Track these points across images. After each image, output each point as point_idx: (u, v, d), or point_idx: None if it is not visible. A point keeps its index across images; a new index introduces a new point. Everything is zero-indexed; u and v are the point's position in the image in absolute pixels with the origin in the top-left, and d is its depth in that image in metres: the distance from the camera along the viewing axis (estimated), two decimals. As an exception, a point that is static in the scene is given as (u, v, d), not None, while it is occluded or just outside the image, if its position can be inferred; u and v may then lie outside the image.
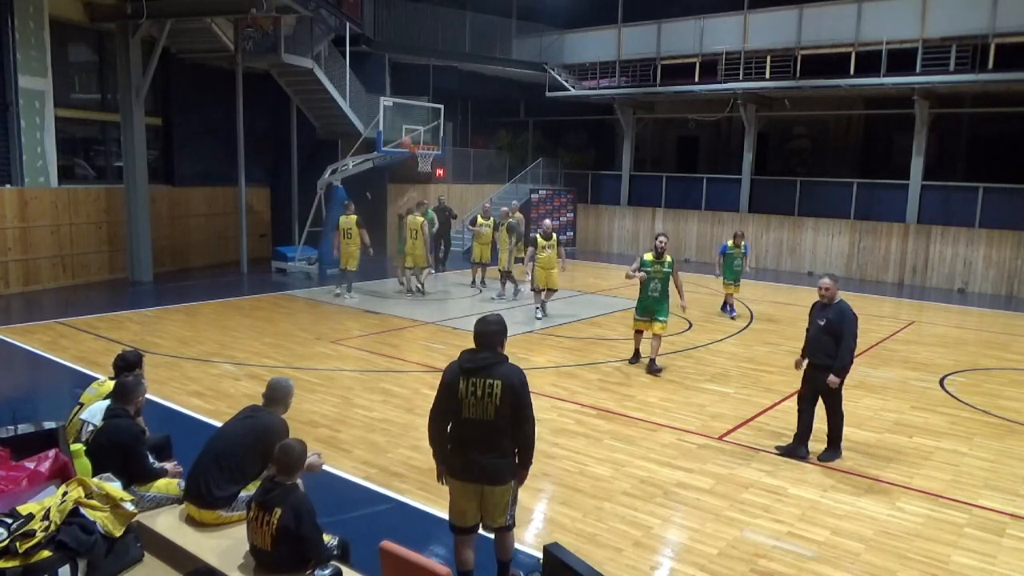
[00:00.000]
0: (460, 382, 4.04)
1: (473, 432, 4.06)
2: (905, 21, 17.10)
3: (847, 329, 6.29)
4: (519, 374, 4.09)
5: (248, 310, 12.56)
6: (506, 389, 3.99)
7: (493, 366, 4.05)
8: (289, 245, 17.51)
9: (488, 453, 4.06)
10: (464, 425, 4.08)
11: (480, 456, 4.06)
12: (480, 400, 4.00)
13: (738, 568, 4.76)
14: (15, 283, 13.32)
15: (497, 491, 4.14)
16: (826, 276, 6.62)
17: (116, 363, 5.13)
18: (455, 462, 4.16)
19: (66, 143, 14.68)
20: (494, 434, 4.05)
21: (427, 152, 16.52)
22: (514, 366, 4.11)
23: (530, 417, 4.11)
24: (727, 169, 22.77)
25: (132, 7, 13.62)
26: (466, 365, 4.06)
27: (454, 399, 4.05)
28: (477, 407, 4.01)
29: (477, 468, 4.08)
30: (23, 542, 3.34)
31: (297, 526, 3.61)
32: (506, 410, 4.01)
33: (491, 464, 4.07)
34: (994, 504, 5.78)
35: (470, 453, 4.08)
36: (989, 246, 16.92)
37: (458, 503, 4.22)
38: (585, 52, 22.73)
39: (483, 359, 4.06)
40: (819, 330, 6.44)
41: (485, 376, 4.01)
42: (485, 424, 4.02)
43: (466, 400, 4.02)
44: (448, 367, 4.17)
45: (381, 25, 20.37)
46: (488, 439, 4.05)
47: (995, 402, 8.50)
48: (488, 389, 3.99)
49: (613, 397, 8.26)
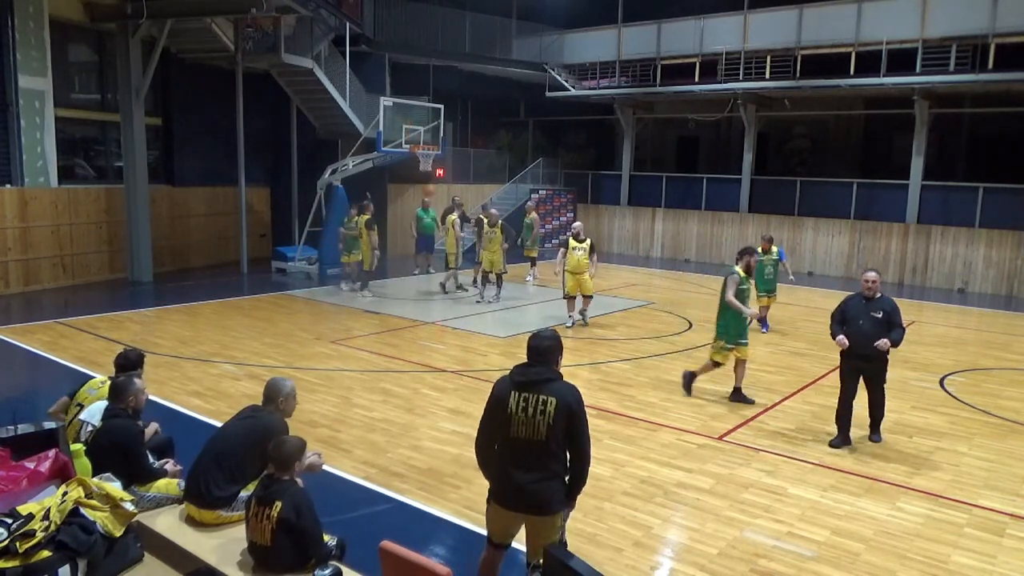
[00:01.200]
0: (511, 397, 3.74)
1: (520, 452, 3.75)
2: (905, 21, 17.10)
3: (899, 318, 6.73)
4: (575, 392, 3.78)
5: (248, 310, 12.56)
6: (560, 408, 3.68)
7: (547, 382, 3.75)
8: (289, 245, 17.50)
9: (535, 474, 3.73)
10: (511, 444, 3.76)
11: (526, 478, 3.73)
12: (531, 418, 3.69)
13: (738, 568, 4.76)
14: (15, 283, 13.32)
15: (543, 523, 3.79)
16: (872, 270, 6.88)
17: (117, 361, 5.13)
18: (498, 487, 3.87)
19: (66, 143, 14.67)
20: (543, 455, 3.73)
21: (427, 152, 16.52)
22: (570, 384, 3.81)
23: (586, 437, 3.78)
24: (727, 169, 22.77)
25: (132, 7, 13.62)
26: (518, 379, 3.77)
27: (503, 415, 3.75)
28: (527, 425, 3.70)
29: (521, 494, 3.76)
30: (23, 542, 3.34)
31: (297, 518, 3.61)
32: (559, 430, 3.69)
33: (537, 488, 3.73)
34: (994, 504, 5.78)
35: (515, 474, 3.76)
36: (989, 246, 16.92)
37: (495, 523, 3.95)
38: (585, 52, 22.74)
39: (536, 373, 3.76)
40: (875, 323, 6.65)
41: (537, 392, 3.71)
42: (534, 444, 3.71)
43: (516, 417, 3.71)
44: (498, 381, 3.89)
45: (381, 25, 20.36)
46: (536, 460, 3.73)
47: (995, 402, 8.50)
48: (541, 406, 3.68)
49: (613, 397, 8.26)
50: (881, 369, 6.81)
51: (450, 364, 9.45)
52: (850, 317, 6.78)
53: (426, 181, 20.38)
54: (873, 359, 6.69)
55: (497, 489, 3.88)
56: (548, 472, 3.75)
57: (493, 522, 3.96)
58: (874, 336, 6.56)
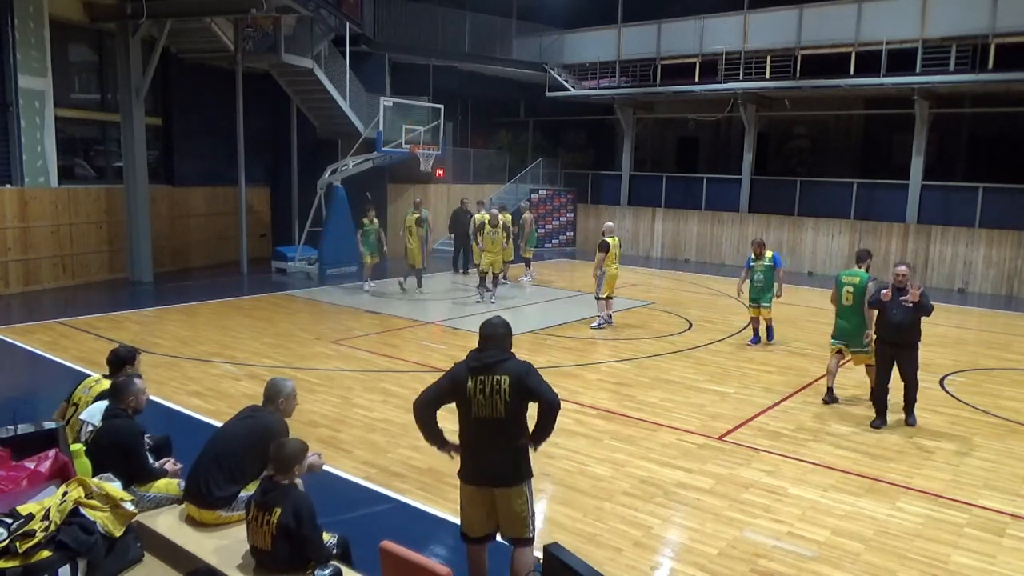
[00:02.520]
0: (468, 380, 3.99)
1: (484, 431, 4.01)
2: (905, 21, 17.10)
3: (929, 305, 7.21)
4: (525, 364, 4.05)
5: (248, 310, 12.56)
6: (514, 382, 3.95)
7: (500, 363, 4.01)
8: (289, 245, 17.51)
9: (499, 451, 4.01)
10: (474, 425, 4.02)
11: (491, 455, 4.01)
12: (489, 397, 3.95)
13: (738, 568, 4.76)
14: (15, 283, 13.32)
15: (511, 494, 4.04)
16: (902, 264, 7.44)
17: (109, 359, 5.12)
18: (466, 466, 4.11)
19: (66, 143, 14.67)
20: (505, 432, 4.00)
21: (427, 152, 16.52)
22: (521, 360, 4.07)
23: (547, 389, 4.00)
24: (727, 169, 22.77)
25: (132, 7, 13.62)
26: (473, 364, 4.02)
27: (462, 398, 4.01)
28: (486, 405, 3.96)
29: (488, 468, 4.03)
30: (23, 542, 3.34)
31: (297, 525, 3.61)
32: (516, 404, 3.97)
33: (502, 462, 4.01)
34: (994, 504, 5.78)
35: (481, 453, 4.04)
36: (989, 246, 16.92)
37: (467, 510, 4.15)
38: (585, 52, 22.73)
39: (489, 356, 4.02)
40: (907, 312, 7.16)
41: (492, 373, 3.97)
42: (496, 422, 3.97)
43: (475, 399, 3.97)
44: (455, 366, 4.13)
45: (381, 25, 20.36)
46: (499, 437, 4.00)
47: (995, 402, 8.50)
48: (496, 385, 3.94)
49: (613, 397, 8.26)
50: (912, 355, 7.35)
51: (450, 364, 9.40)
52: (884, 308, 7.30)
53: (426, 181, 20.40)
54: (904, 346, 7.30)
55: (465, 468, 4.13)
56: (510, 447, 4.04)
57: (466, 506, 4.15)
58: (906, 325, 7.17)
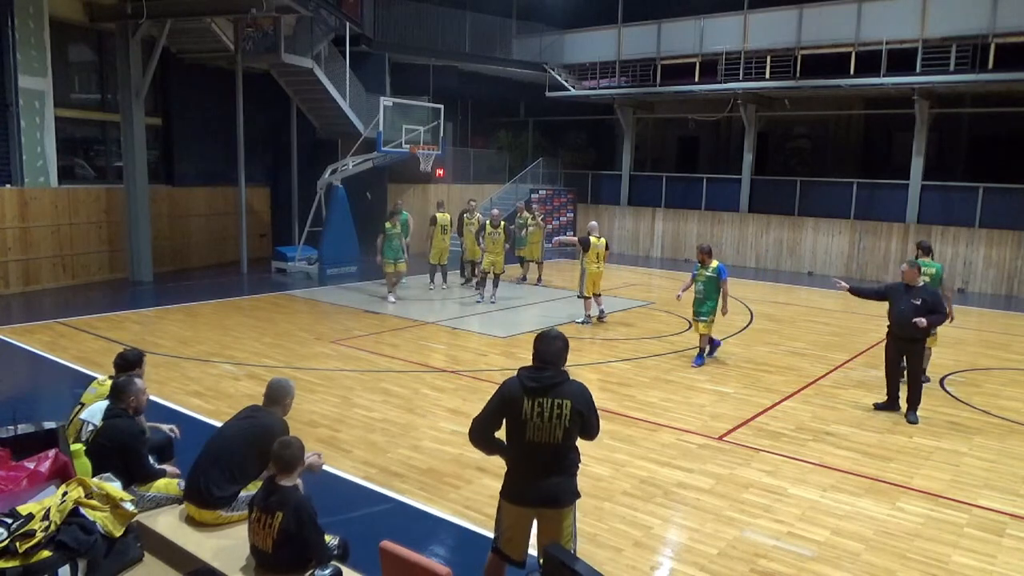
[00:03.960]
0: (524, 402, 3.70)
1: (536, 455, 3.76)
2: (905, 21, 17.10)
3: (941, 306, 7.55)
4: (586, 393, 3.81)
5: (248, 310, 12.56)
6: (575, 410, 3.71)
7: (559, 385, 3.73)
8: (289, 245, 17.50)
9: (551, 476, 3.79)
10: (526, 447, 3.76)
11: (542, 478, 3.78)
12: (547, 422, 3.68)
13: (738, 568, 4.76)
14: (15, 283, 13.32)
15: (558, 515, 3.83)
16: (905, 262, 7.82)
17: (116, 362, 5.14)
18: (513, 488, 3.88)
19: (66, 143, 14.67)
20: (558, 456, 3.78)
21: (427, 152, 16.53)
22: (579, 383, 3.82)
23: (597, 430, 3.90)
24: (727, 169, 22.76)
25: (132, 7, 13.62)
26: (530, 384, 3.72)
27: (516, 420, 3.73)
28: (543, 430, 3.69)
29: (537, 492, 3.80)
30: (23, 542, 3.35)
31: (299, 530, 3.61)
32: (574, 431, 3.75)
33: (553, 485, 3.80)
34: (994, 504, 5.78)
35: (531, 477, 3.80)
36: (989, 246, 16.92)
37: (511, 530, 3.92)
38: (585, 52, 22.73)
39: (548, 378, 3.73)
40: (914, 309, 7.41)
41: (552, 396, 3.70)
42: (550, 447, 3.73)
43: (531, 422, 3.69)
44: (506, 384, 3.83)
45: (381, 25, 20.36)
46: (552, 462, 3.78)
47: (995, 402, 8.50)
48: (556, 410, 3.68)
49: (613, 397, 8.26)
50: (918, 350, 7.64)
51: (450, 364, 9.45)
52: (892, 302, 7.66)
53: (426, 181, 20.40)
54: (911, 340, 7.55)
55: (511, 489, 3.90)
56: (563, 471, 3.82)
57: (507, 523, 3.93)
58: (908, 319, 7.41)
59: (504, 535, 3.95)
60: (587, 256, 11.73)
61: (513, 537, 3.93)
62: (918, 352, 7.67)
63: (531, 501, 3.84)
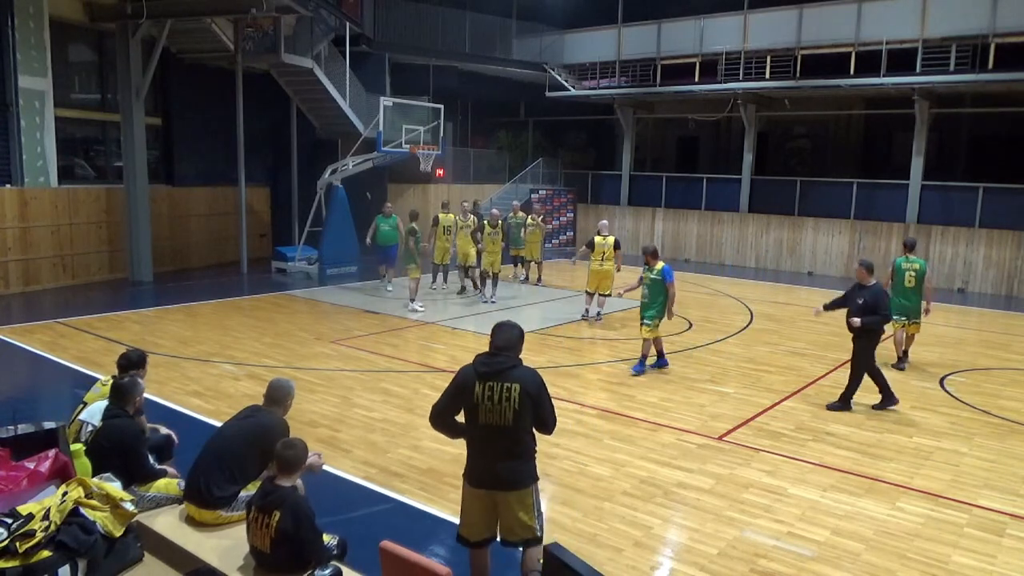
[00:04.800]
0: (476, 386, 3.89)
1: (490, 438, 3.94)
2: (905, 21, 17.10)
3: (883, 307, 7.80)
4: (536, 377, 3.97)
5: (248, 310, 12.56)
6: (524, 393, 3.86)
7: (510, 369, 3.91)
8: (289, 245, 17.50)
9: (506, 459, 3.94)
10: (480, 431, 3.94)
11: (497, 462, 3.94)
12: (497, 405, 3.86)
13: (738, 568, 4.76)
14: (15, 283, 13.32)
15: (513, 498, 3.97)
16: (858, 262, 8.08)
17: (119, 362, 5.14)
18: (472, 471, 4.06)
19: (66, 143, 14.68)
20: (512, 439, 3.93)
21: (427, 152, 16.53)
22: (530, 369, 3.99)
23: (552, 417, 4.01)
24: (727, 169, 22.76)
25: (132, 7, 13.63)
26: (481, 369, 3.92)
27: (469, 403, 3.92)
28: (494, 412, 3.86)
29: (493, 474, 3.96)
30: (23, 542, 3.35)
31: (296, 530, 3.61)
32: (524, 414, 3.88)
33: (508, 468, 3.95)
34: (994, 504, 5.78)
35: (486, 460, 3.97)
36: (989, 246, 16.92)
37: (468, 513, 4.10)
38: (585, 52, 22.73)
39: (499, 363, 3.91)
40: (858, 308, 7.74)
41: (502, 380, 3.88)
42: (502, 429, 3.89)
43: (482, 405, 3.87)
44: (461, 370, 4.03)
45: (381, 25, 20.37)
46: (506, 445, 3.93)
47: (995, 402, 8.50)
48: (505, 393, 3.85)
49: (613, 397, 8.26)
50: (858, 347, 7.89)
51: (450, 364, 9.45)
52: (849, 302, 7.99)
53: (426, 181, 20.40)
54: (855, 337, 7.89)
55: (470, 471, 4.09)
56: (517, 455, 3.98)
57: (468, 508, 4.10)
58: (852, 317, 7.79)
59: (463, 519, 4.14)
60: (593, 255, 12.09)
61: (470, 520, 4.09)
62: (861, 348, 7.88)
63: (487, 483, 4.00)
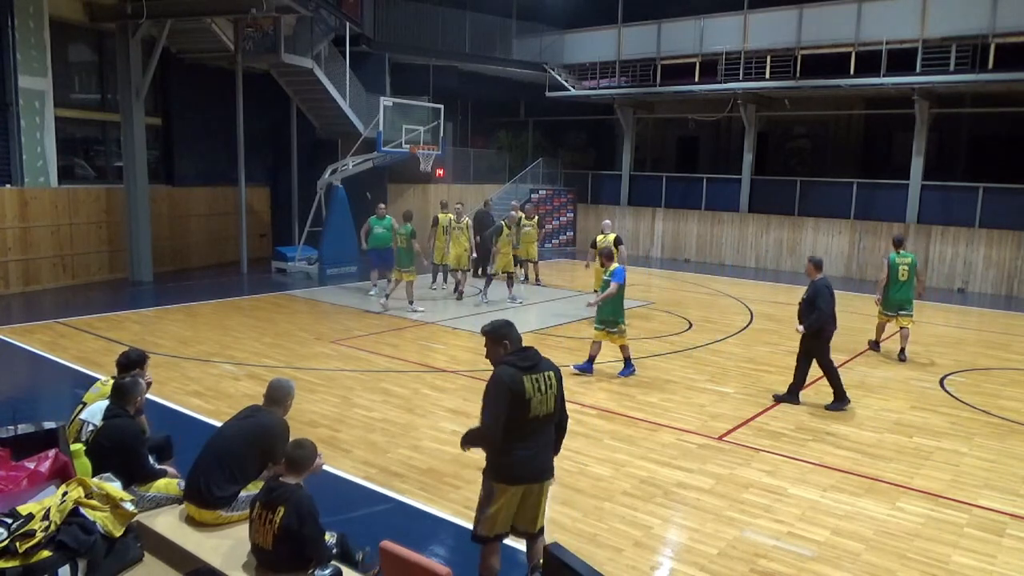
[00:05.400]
0: (525, 382, 3.91)
1: (539, 430, 4.03)
2: (905, 21, 17.10)
3: (821, 301, 7.73)
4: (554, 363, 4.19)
5: (248, 310, 12.56)
6: (558, 380, 4.09)
7: (542, 360, 4.07)
8: (289, 245, 17.50)
9: (547, 448, 4.14)
10: (530, 425, 3.96)
11: (542, 452, 4.09)
12: (544, 395, 3.97)
13: (738, 568, 4.76)
14: (15, 283, 13.32)
15: (547, 486, 4.16)
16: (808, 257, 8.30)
17: (119, 361, 5.13)
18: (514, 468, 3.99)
19: (66, 143, 14.68)
20: (550, 425, 4.11)
21: (427, 152, 16.53)
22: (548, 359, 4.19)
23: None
24: (727, 169, 22.76)
25: (132, 7, 13.63)
26: (524, 364, 3.98)
27: (521, 402, 3.89)
28: (543, 403, 3.98)
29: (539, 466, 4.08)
30: (23, 542, 3.35)
31: (299, 527, 3.61)
32: (561, 399, 4.11)
33: (549, 457, 4.16)
34: (994, 504, 5.78)
35: (534, 452, 4.02)
36: (989, 246, 16.91)
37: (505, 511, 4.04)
38: (585, 52, 22.73)
39: (535, 355, 4.05)
40: (804, 302, 7.90)
41: (543, 370, 4.01)
42: (549, 418, 4.05)
43: (534, 399, 3.93)
44: (502, 376, 3.92)
45: (381, 25, 20.36)
46: (549, 433, 4.13)
47: (995, 402, 8.50)
48: (548, 382, 4.00)
49: (613, 397, 8.26)
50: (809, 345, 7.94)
51: (450, 364, 9.45)
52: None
53: (426, 181, 20.40)
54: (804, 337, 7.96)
55: (512, 470, 4.00)
56: (552, 442, 4.20)
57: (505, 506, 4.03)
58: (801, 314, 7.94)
59: (490, 519, 4.04)
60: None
61: (503, 515, 4.07)
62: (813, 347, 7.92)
63: (533, 477, 4.05)
